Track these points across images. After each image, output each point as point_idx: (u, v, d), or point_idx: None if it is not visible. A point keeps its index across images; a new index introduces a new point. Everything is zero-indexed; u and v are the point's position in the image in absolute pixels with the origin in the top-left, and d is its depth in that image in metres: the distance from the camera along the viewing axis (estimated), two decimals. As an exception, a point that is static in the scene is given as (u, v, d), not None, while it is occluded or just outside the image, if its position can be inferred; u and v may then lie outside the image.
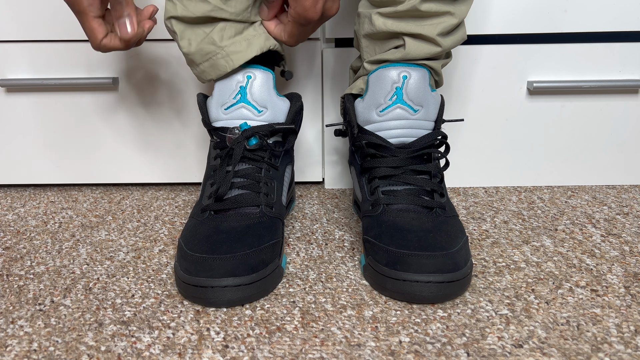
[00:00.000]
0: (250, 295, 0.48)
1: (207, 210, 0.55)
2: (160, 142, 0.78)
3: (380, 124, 0.57)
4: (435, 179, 0.56)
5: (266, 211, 0.55)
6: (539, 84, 0.71)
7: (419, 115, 0.56)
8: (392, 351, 0.43)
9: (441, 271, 0.47)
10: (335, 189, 0.79)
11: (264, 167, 0.57)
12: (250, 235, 0.51)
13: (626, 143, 0.75)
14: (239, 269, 0.48)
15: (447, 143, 0.58)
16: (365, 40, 0.58)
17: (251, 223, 0.53)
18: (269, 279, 0.50)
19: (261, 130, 0.57)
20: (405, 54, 0.55)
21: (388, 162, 0.56)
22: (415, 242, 0.49)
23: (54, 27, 0.71)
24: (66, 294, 0.52)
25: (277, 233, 0.54)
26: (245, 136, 0.56)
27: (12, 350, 0.44)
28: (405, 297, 0.48)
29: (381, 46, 0.57)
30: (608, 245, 0.60)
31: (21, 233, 0.66)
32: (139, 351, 0.44)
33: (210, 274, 0.47)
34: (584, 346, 0.43)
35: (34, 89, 0.75)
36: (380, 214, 0.54)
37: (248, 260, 0.49)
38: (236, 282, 0.47)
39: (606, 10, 0.69)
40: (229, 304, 0.48)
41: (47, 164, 0.79)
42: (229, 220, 0.53)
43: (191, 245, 0.51)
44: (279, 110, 0.59)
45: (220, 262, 0.48)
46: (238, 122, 0.57)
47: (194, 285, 0.48)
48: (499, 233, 0.63)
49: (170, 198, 0.77)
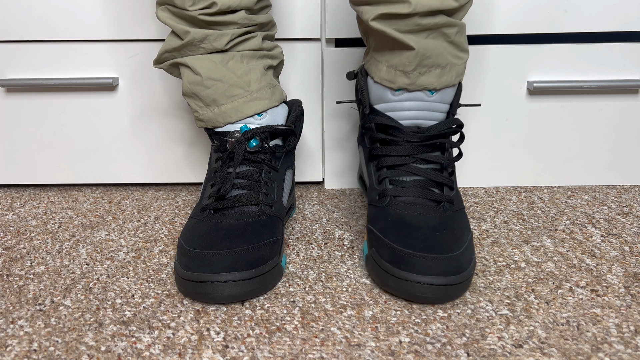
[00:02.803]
0: (250, 290, 0.48)
1: (207, 210, 0.55)
2: (161, 142, 0.78)
3: (394, 104, 0.55)
4: (446, 172, 0.55)
5: (265, 210, 0.55)
6: (539, 84, 0.71)
7: (435, 98, 0.54)
8: (392, 351, 0.43)
9: (445, 274, 0.47)
10: (335, 189, 0.79)
11: (264, 169, 0.57)
12: (250, 232, 0.51)
13: (626, 143, 0.75)
14: (238, 264, 0.48)
15: (462, 132, 0.57)
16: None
17: (250, 221, 0.53)
18: (268, 275, 0.50)
19: (261, 131, 0.56)
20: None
21: (397, 151, 0.55)
22: (421, 241, 0.49)
23: (53, 27, 0.71)
24: (66, 294, 0.52)
25: (276, 231, 0.54)
26: (246, 137, 0.56)
27: (12, 350, 0.44)
28: (407, 297, 0.48)
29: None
30: (608, 245, 0.60)
31: (21, 233, 0.66)
32: (139, 351, 0.44)
33: (209, 269, 0.48)
34: (584, 346, 0.43)
35: (34, 89, 0.75)
36: (386, 205, 0.54)
37: (247, 256, 0.49)
38: (235, 277, 0.47)
39: (606, 10, 0.69)
40: (228, 299, 0.48)
41: (47, 164, 0.79)
42: (228, 218, 0.54)
43: (191, 242, 0.51)
44: (278, 115, 0.59)
45: (220, 257, 0.48)
46: (238, 126, 0.57)
47: (194, 281, 0.48)
48: (499, 233, 0.63)
49: (170, 198, 0.77)
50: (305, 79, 0.74)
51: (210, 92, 0.56)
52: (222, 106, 0.56)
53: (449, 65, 0.53)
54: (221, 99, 0.56)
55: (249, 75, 0.56)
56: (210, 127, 0.58)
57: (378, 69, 0.55)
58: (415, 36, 0.51)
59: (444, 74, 0.53)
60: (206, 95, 0.56)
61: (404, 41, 0.51)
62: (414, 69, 0.53)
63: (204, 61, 0.55)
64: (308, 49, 0.73)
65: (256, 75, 0.57)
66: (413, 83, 0.53)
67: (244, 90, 0.56)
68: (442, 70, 0.53)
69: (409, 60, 0.52)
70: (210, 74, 0.55)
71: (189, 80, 0.56)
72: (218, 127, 0.58)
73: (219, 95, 0.56)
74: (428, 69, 0.53)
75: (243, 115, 0.57)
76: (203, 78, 0.55)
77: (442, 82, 0.54)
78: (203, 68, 0.55)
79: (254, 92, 0.56)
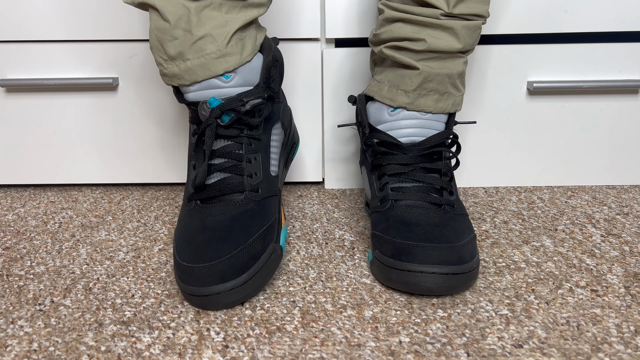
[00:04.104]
0: (247, 294, 0.48)
1: (193, 200, 0.53)
2: (160, 142, 0.78)
3: (391, 124, 0.58)
4: (445, 177, 0.57)
5: (251, 196, 0.52)
6: (539, 84, 0.71)
7: (429, 116, 0.57)
8: (392, 351, 0.43)
9: (446, 263, 0.48)
10: (335, 189, 0.79)
11: (244, 142, 0.53)
12: (237, 230, 0.49)
13: (626, 143, 0.75)
14: (227, 274, 0.47)
15: (459, 143, 0.59)
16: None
17: (236, 213, 0.51)
18: (263, 271, 0.49)
19: (231, 107, 0.51)
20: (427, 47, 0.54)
21: (398, 160, 0.56)
22: (422, 235, 0.50)
23: (54, 27, 0.71)
24: (66, 294, 0.52)
25: (267, 216, 0.51)
26: (215, 116, 0.51)
27: (12, 350, 0.44)
28: (410, 288, 0.49)
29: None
30: (608, 245, 0.60)
31: (21, 233, 0.66)
32: (139, 351, 0.44)
33: (200, 283, 0.47)
34: (584, 346, 0.43)
35: (34, 89, 0.75)
36: (388, 209, 0.54)
37: (236, 262, 0.47)
38: (227, 287, 0.47)
39: (606, 10, 0.69)
40: (226, 306, 0.48)
41: (47, 164, 0.79)
42: (214, 213, 0.51)
43: (180, 249, 0.50)
44: (250, 70, 0.53)
45: (208, 271, 0.47)
46: (208, 94, 0.52)
47: (190, 294, 0.48)
48: (499, 233, 0.63)
49: (170, 198, 0.77)
50: (305, 79, 0.74)
51: (177, 44, 0.50)
52: (189, 61, 0.50)
53: (447, 94, 0.57)
54: (188, 53, 0.50)
55: (224, 28, 0.50)
56: (175, 85, 0.53)
57: (380, 88, 0.59)
58: (422, 61, 0.55)
59: (441, 100, 0.57)
60: (172, 46, 0.50)
61: (411, 63, 0.55)
62: (414, 89, 0.56)
63: (175, 6, 0.49)
64: (308, 49, 0.73)
65: (231, 28, 0.50)
66: (412, 103, 0.56)
67: (213, 44, 0.50)
68: (440, 97, 0.57)
69: (411, 79, 0.56)
70: (180, 23, 0.49)
71: (156, 25, 0.50)
72: (184, 86, 0.53)
73: (186, 49, 0.50)
74: (427, 92, 0.56)
75: (211, 73, 0.51)
76: (172, 26, 0.49)
77: (438, 107, 0.57)
78: (173, 14, 0.49)
79: (223, 47, 0.50)
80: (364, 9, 0.70)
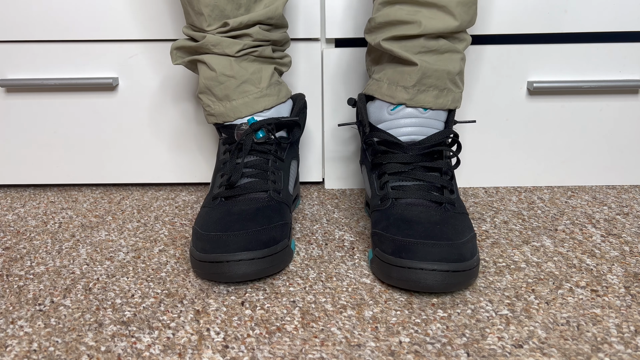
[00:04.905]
0: (263, 268, 0.51)
1: (218, 198, 0.58)
2: (160, 142, 0.78)
3: (391, 122, 0.58)
4: (446, 176, 0.57)
5: (274, 196, 0.58)
6: (539, 84, 0.71)
7: (429, 114, 0.58)
8: (392, 351, 0.43)
9: (446, 260, 0.48)
10: (335, 189, 0.79)
11: (271, 159, 0.60)
12: (261, 216, 0.54)
13: (626, 143, 0.75)
14: (252, 244, 0.51)
15: (459, 142, 0.59)
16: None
17: (260, 206, 0.56)
18: (280, 255, 0.53)
19: (267, 123, 0.60)
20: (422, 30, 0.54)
21: (399, 158, 0.57)
22: (422, 232, 0.50)
23: (53, 27, 0.71)
24: (66, 294, 0.52)
25: (285, 216, 0.57)
26: (253, 129, 0.59)
27: (12, 350, 0.44)
28: (410, 285, 0.49)
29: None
30: (608, 245, 0.60)
31: (21, 233, 0.66)
32: (139, 351, 0.44)
33: (225, 250, 0.50)
34: (584, 346, 0.43)
35: (34, 89, 0.75)
36: (389, 207, 0.55)
37: (260, 237, 0.52)
38: (250, 256, 0.50)
39: (606, 10, 0.69)
40: (243, 277, 0.50)
41: (47, 164, 0.79)
42: (239, 204, 0.56)
43: (205, 227, 0.54)
44: (283, 109, 0.63)
45: (234, 238, 0.51)
46: (246, 119, 0.61)
47: (210, 262, 0.50)
48: (499, 233, 0.63)
49: (170, 198, 0.77)
50: (305, 79, 0.74)
51: (223, 88, 0.59)
52: (234, 101, 0.60)
53: (447, 90, 0.58)
54: (233, 95, 0.60)
55: (260, 74, 0.60)
56: (220, 122, 0.61)
57: (379, 86, 0.59)
58: (420, 55, 0.56)
59: (440, 96, 0.57)
60: (219, 90, 0.60)
61: (409, 58, 0.55)
62: (414, 84, 0.56)
63: (219, 59, 0.59)
64: (308, 49, 0.73)
65: (267, 74, 0.61)
66: (411, 99, 0.57)
67: (254, 87, 0.60)
68: (439, 92, 0.57)
69: (410, 75, 0.56)
70: (224, 71, 0.59)
71: (205, 75, 0.60)
72: (228, 122, 0.61)
73: (232, 91, 0.59)
74: (427, 88, 0.57)
75: (253, 110, 0.60)
76: (217, 74, 0.59)
77: (438, 103, 0.57)
78: (218, 65, 0.59)
79: (264, 90, 0.60)
80: (364, 9, 0.70)
